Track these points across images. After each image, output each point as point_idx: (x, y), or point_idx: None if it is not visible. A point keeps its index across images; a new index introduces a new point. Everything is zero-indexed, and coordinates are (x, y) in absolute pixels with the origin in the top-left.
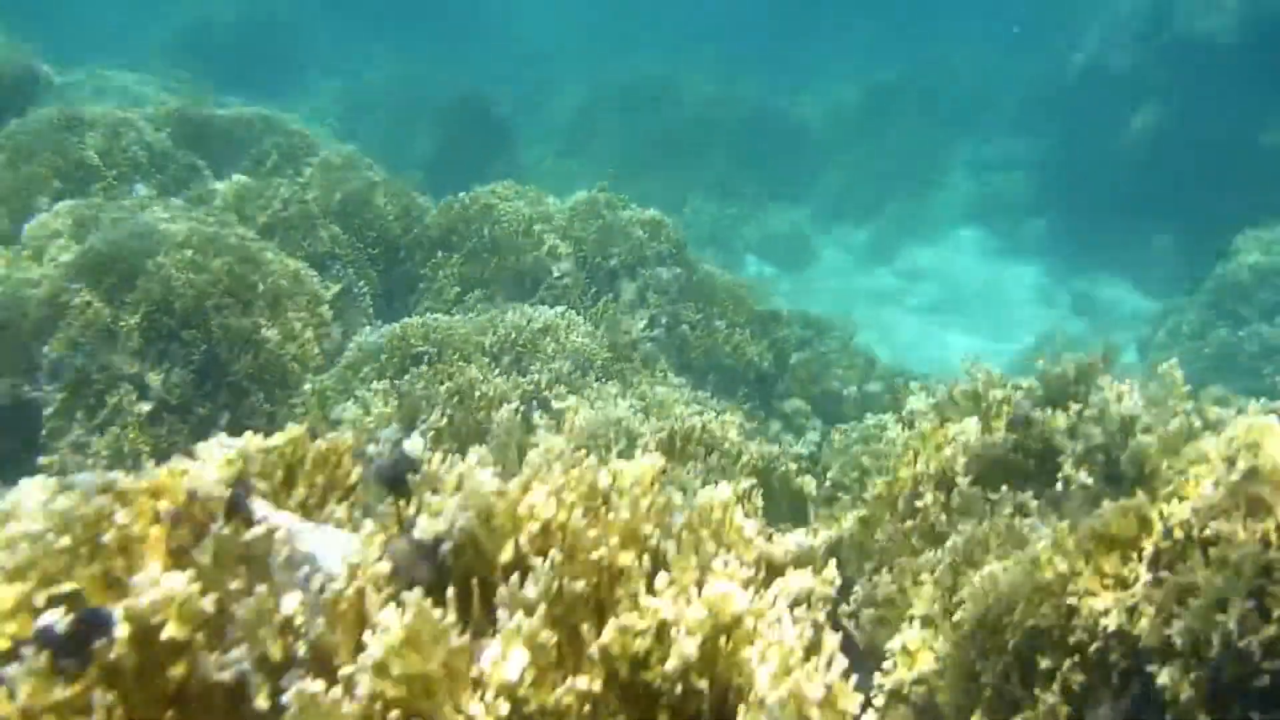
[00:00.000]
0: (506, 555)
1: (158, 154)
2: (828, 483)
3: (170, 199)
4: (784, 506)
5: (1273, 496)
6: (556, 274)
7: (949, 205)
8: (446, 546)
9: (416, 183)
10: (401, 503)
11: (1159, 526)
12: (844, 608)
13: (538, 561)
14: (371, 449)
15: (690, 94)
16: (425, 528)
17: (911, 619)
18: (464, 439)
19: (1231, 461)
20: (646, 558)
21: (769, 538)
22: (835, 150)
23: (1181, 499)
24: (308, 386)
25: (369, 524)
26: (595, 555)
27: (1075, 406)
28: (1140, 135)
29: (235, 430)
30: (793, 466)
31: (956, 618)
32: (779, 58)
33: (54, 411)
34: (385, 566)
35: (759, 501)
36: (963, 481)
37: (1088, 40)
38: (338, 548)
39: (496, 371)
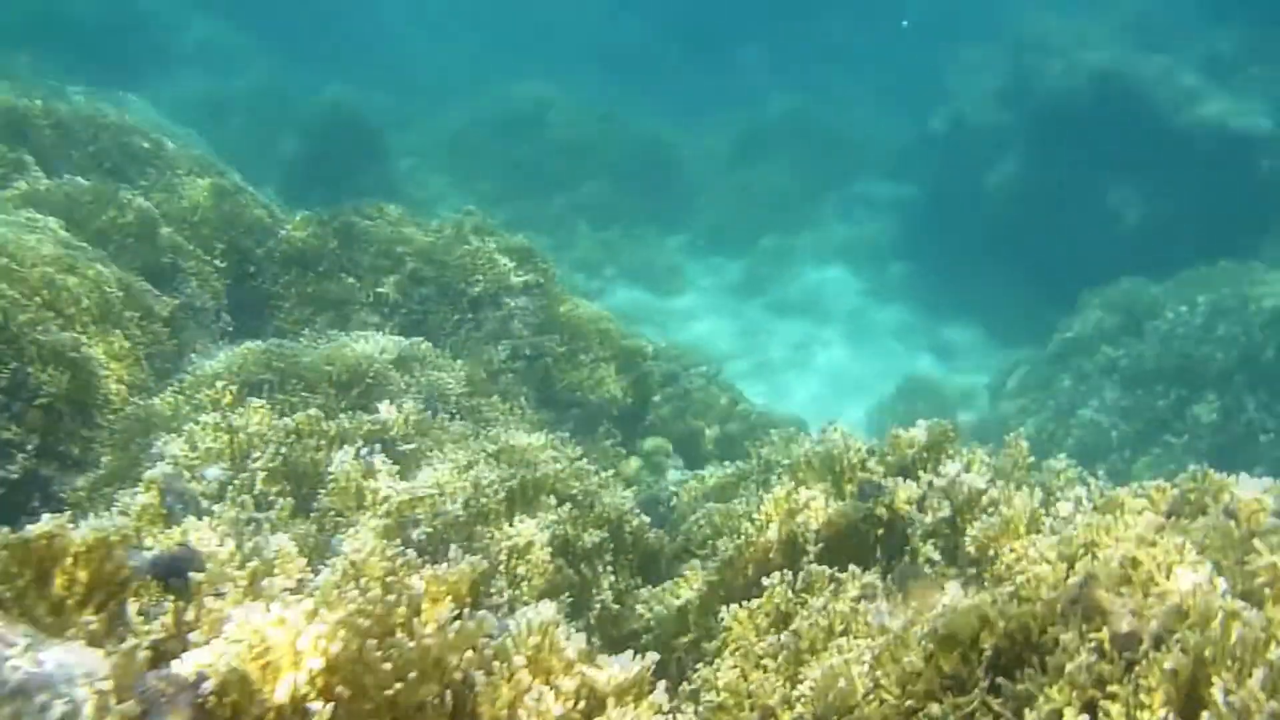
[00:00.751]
0: (282, 696)
1: None
2: (680, 537)
3: None
4: (634, 561)
5: (1109, 603)
6: (417, 300)
7: (820, 244)
8: (209, 685)
9: (276, 190)
10: (179, 605)
11: (1000, 627)
12: (684, 686)
13: (317, 706)
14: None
15: (569, 119)
16: (187, 661)
17: (752, 708)
18: (299, 480)
19: (1070, 563)
20: (449, 693)
21: (592, 660)
22: (712, 182)
23: (1022, 599)
24: (129, 410)
25: (126, 642)
26: (389, 692)
27: (925, 477)
28: (997, 188)
29: (45, 454)
30: (644, 521)
31: (796, 712)
32: (661, 87)
33: None
34: (134, 708)
35: (608, 556)
36: (812, 551)
37: (956, 94)
38: (86, 669)
39: (343, 403)
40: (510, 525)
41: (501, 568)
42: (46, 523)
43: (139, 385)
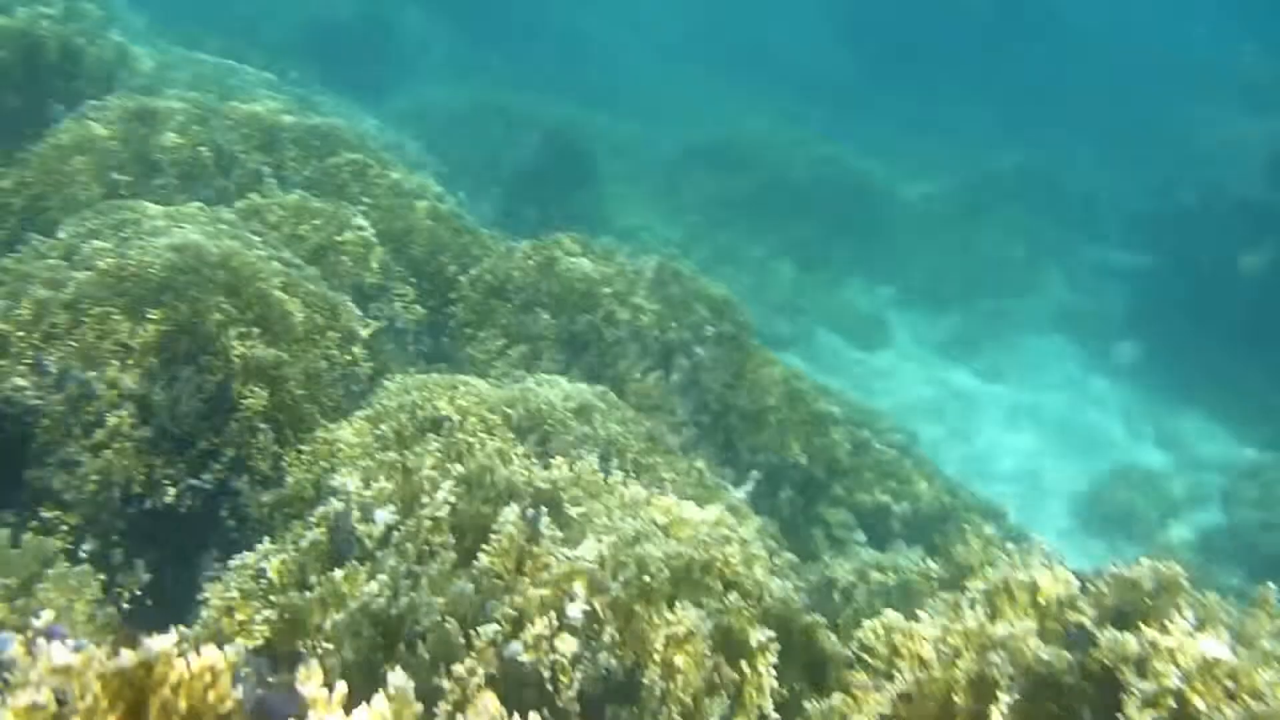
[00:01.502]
0: None
1: (226, 156)
2: (854, 642)
3: (222, 210)
4: (800, 664)
5: None
6: (609, 340)
7: (1040, 310)
8: None
9: (493, 207)
10: None
11: None
12: None
13: None
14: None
15: (784, 156)
16: None
17: None
18: (464, 533)
19: None
20: None
21: None
22: (927, 234)
23: None
24: (319, 432)
25: None
26: None
27: (1148, 632)
28: (1256, 271)
29: (238, 467)
30: (818, 620)
31: None
32: (882, 129)
33: (49, 424)
34: None
35: (773, 657)
36: (1005, 700)
37: (1211, 160)
38: None
39: (520, 448)
40: (672, 611)
41: (656, 656)
42: (150, 648)
43: (333, 406)
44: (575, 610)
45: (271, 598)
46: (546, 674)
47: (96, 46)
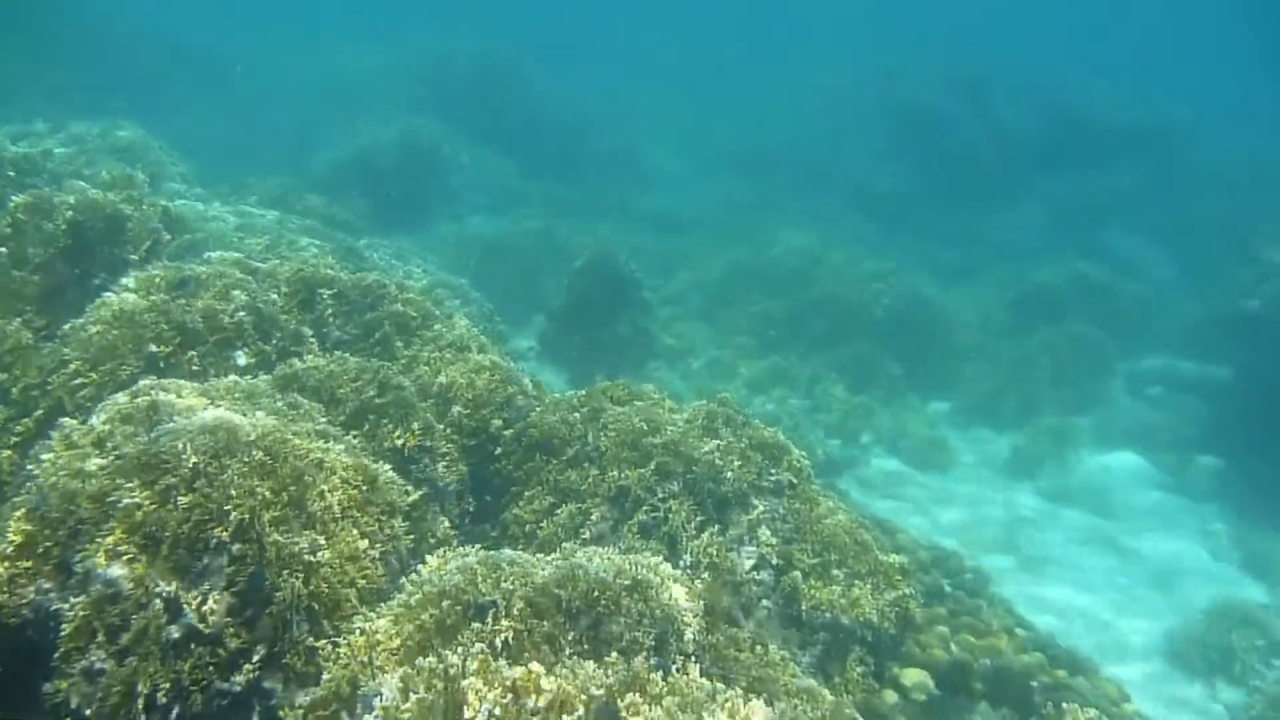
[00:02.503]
0: None
1: (265, 318)
2: None
3: (259, 380)
4: None
5: None
6: (660, 495)
7: (1107, 425)
8: None
9: (538, 337)
10: None
11: None
12: None
13: None
14: None
15: (831, 270)
16: None
17: None
18: None
19: None
20: None
21: None
22: (982, 347)
23: None
24: (358, 624)
25: None
26: None
27: None
28: None
29: (270, 664)
30: None
31: None
32: (929, 239)
33: (72, 630)
34: None
35: None
36: None
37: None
38: None
39: (571, 633)
40: None
41: None
42: None
43: (372, 589)
44: None
45: None
46: None
47: (140, 211)
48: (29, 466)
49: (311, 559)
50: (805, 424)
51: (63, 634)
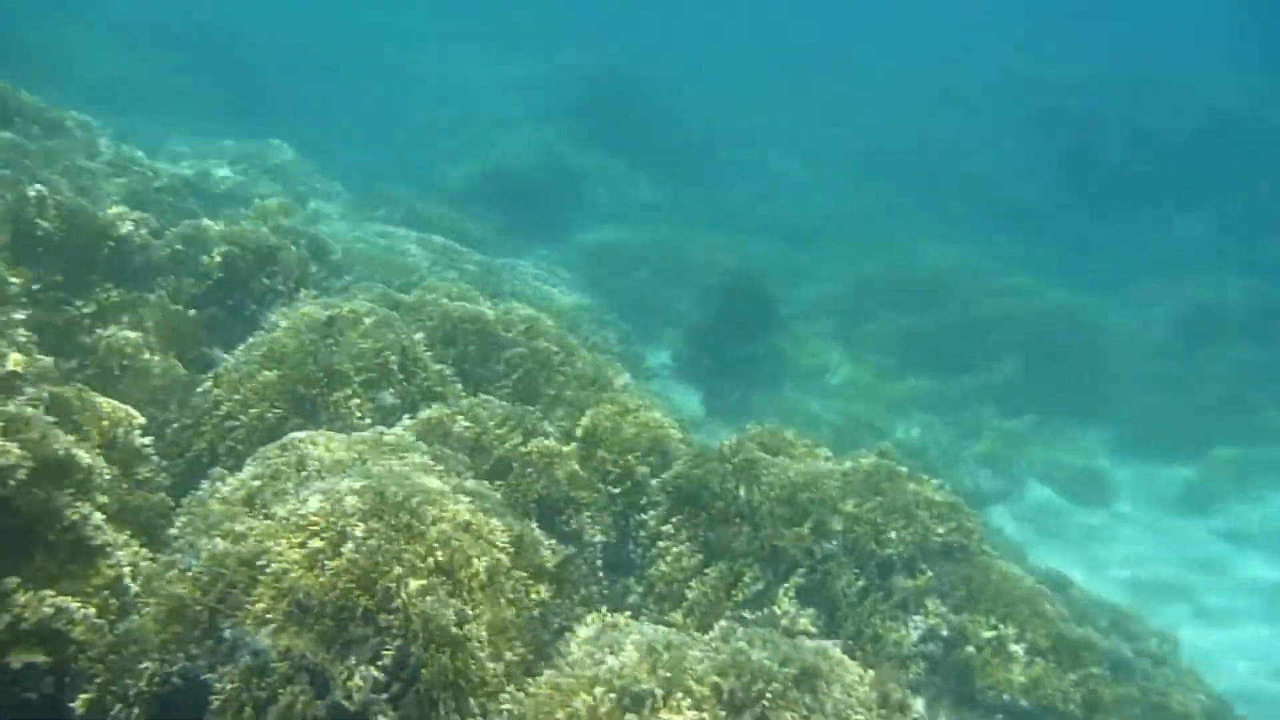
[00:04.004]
0: None
1: (410, 358)
2: None
3: (403, 428)
4: None
5: None
6: (818, 555)
7: None
8: None
9: (671, 355)
10: None
11: None
12: None
13: None
14: None
15: (975, 287)
16: None
17: None
18: None
19: None
20: None
21: None
22: (1144, 370)
23: None
24: (506, 706)
25: None
26: None
27: None
28: None
29: None
30: None
31: None
32: (1080, 254)
33: (219, 705)
34: None
35: None
36: None
37: None
38: None
39: None
40: None
41: None
42: None
43: (520, 664)
44: None
45: None
46: None
47: (291, 242)
48: (179, 516)
49: (458, 632)
50: (953, 451)
51: (212, 707)
